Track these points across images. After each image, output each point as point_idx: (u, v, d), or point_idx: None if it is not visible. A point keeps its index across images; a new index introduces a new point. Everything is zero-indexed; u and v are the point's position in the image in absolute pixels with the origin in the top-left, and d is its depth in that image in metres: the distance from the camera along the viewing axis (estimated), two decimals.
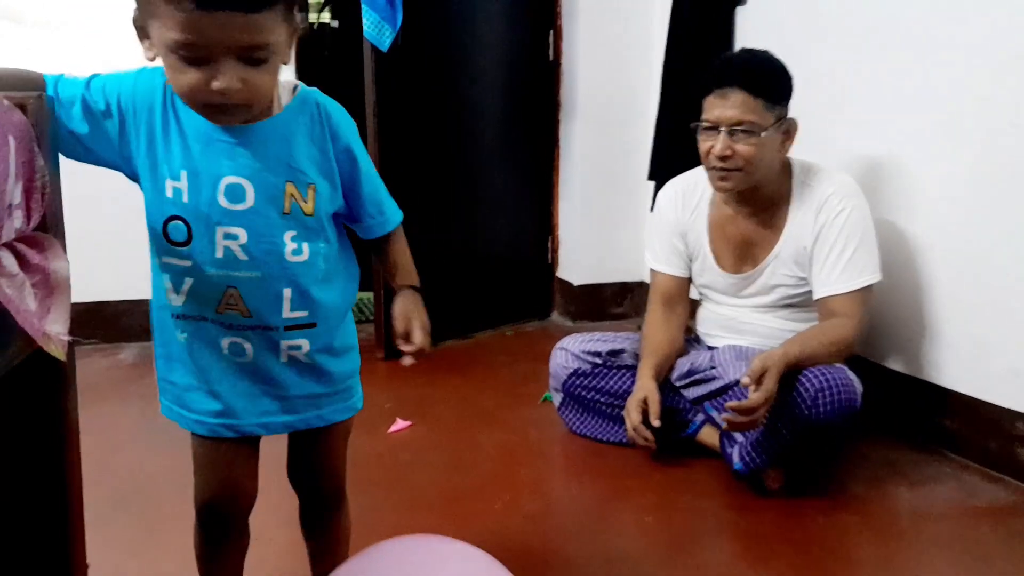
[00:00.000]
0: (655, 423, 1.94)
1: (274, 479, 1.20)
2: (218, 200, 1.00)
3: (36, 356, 0.81)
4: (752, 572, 1.61)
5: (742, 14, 2.82)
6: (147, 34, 0.94)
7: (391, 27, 2.65)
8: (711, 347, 2.18)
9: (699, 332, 2.27)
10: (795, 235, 2.01)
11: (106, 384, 2.67)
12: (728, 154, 1.91)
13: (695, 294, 2.26)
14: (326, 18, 4.33)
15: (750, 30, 2.78)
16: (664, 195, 2.23)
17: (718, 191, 2.04)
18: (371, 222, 1.15)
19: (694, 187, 2.15)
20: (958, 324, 2.09)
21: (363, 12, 2.64)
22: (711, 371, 2.07)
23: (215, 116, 0.97)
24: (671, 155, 2.77)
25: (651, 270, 2.25)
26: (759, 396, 1.73)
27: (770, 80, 1.93)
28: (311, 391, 1.13)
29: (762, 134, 1.89)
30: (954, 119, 2.05)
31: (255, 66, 0.93)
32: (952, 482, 1.97)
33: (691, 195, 2.15)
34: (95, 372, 2.78)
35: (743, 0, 2.80)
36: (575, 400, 2.22)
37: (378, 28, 2.64)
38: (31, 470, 0.94)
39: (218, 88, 0.91)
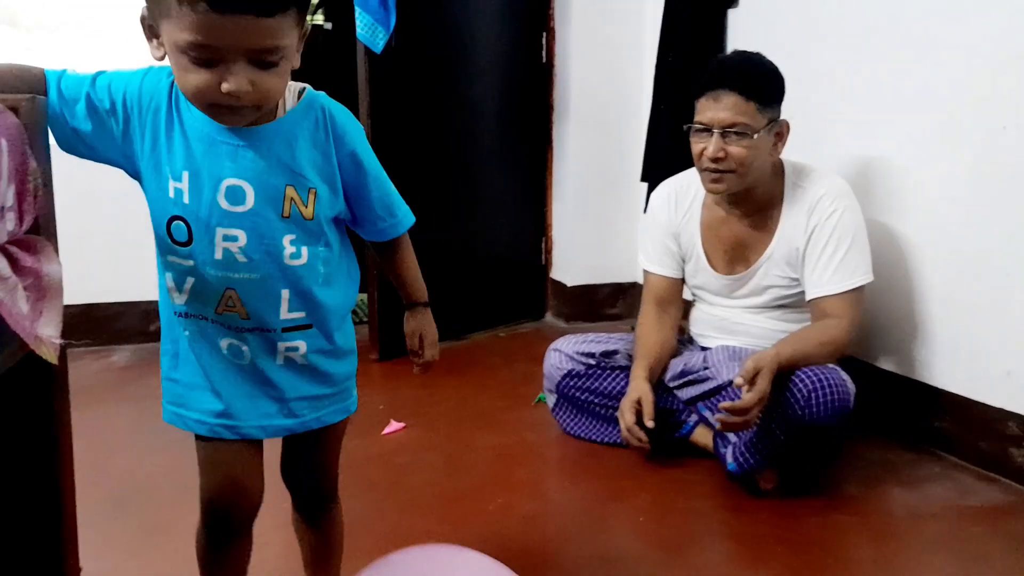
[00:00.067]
0: (649, 424, 1.94)
1: (270, 482, 1.20)
2: (218, 202, 1.00)
3: (28, 359, 0.81)
4: (747, 573, 1.61)
5: (734, 16, 2.83)
6: (156, 33, 0.93)
7: (384, 29, 2.66)
8: (704, 348, 2.19)
9: (692, 333, 2.28)
10: (787, 236, 2.01)
11: (99, 387, 2.66)
12: (721, 156, 1.91)
13: (688, 295, 2.27)
14: (319, 20, 4.33)
15: (742, 32, 2.79)
16: (657, 196, 2.24)
17: (711, 193, 2.04)
18: (382, 225, 1.14)
19: (687, 188, 2.16)
20: (951, 325, 2.10)
21: (356, 14, 2.64)
22: (704, 372, 2.07)
23: (221, 116, 0.97)
24: (664, 157, 2.78)
25: (644, 271, 2.26)
26: (752, 396, 1.73)
27: (762, 82, 1.93)
28: (308, 393, 1.13)
29: (755, 136, 1.90)
30: (948, 120, 2.06)
31: (266, 69, 0.92)
32: (945, 482, 1.98)
33: (684, 196, 2.16)
34: (88, 375, 2.77)
35: (735, 2, 2.81)
36: (569, 401, 2.22)
37: (371, 30, 2.65)
38: (24, 473, 0.94)
39: (228, 90, 0.90)
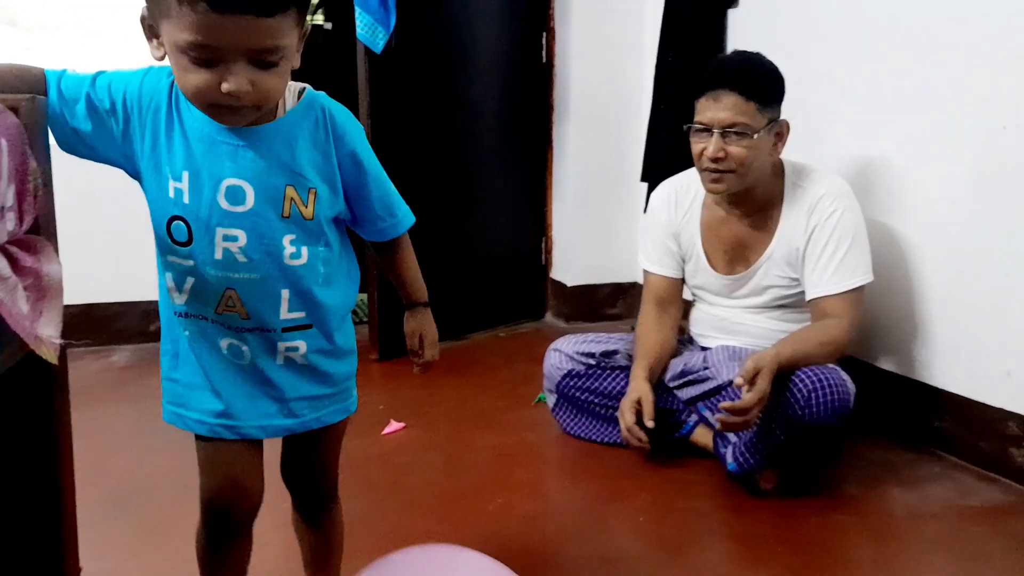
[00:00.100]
0: (649, 424, 1.94)
1: (270, 482, 1.20)
2: (218, 202, 1.00)
3: (28, 359, 0.81)
4: (746, 573, 1.61)
5: (734, 16, 2.83)
6: (156, 33, 0.93)
7: (384, 29, 2.66)
8: (704, 348, 2.19)
9: (692, 333, 2.27)
10: (787, 236, 2.01)
11: (99, 387, 2.66)
12: (721, 156, 1.91)
13: (688, 295, 2.27)
14: (319, 20, 4.33)
15: (742, 32, 2.79)
16: (657, 196, 2.24)
17: (711, 193, 2.04)
18: (382, 225, 1.14)
19: (687, 188, 2.16)
20: (951, 325, 2.10)
21: (356, 14, 2.64)
22: (704, 372, 2.07)
23: (221, 116, 0.97)
24: (664, 157, 2.78)
25: (644, 271, 2.26)
26: (752, 396, 1.73)
27: (762, 82, 1.93)
28: (308, 393, 1.13)
29: (755, 136, 1.90)
30: (948, 120, 2.06)
31: (265, 69, 0.92)
32: (945, 482, 1.98)
33: (684, 196, 2.16)
34: (88, 375, 2.77)
35: (735, 2, 2.81)
36: (569, 401, 2.22)
37: (371, 30, 2.65)
38: (24, 474, 0.94)
39: (228, 91, 0.90)
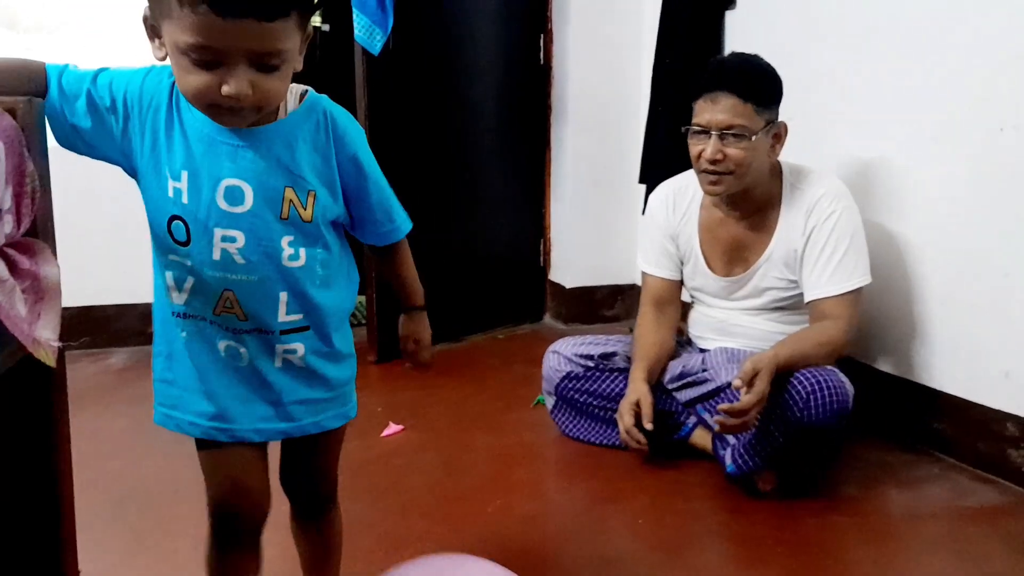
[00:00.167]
0: (648, 426, 1.94)
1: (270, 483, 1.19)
2: (217, 202, 1.00)
3: (26, 362, 0.81)
4: (745, 574, 1.61)
5: (732, 17, 2.83)
6: (158, 33, 0.93)
7: (382, 31, 2.66)
8: (703, 349, 2.19)
9: (691, 335, 2.28)
10: (785, 238, 2.01)
11: (97, 389, 2.66)
12: (719, 158, 1.91)
13: (686, 297, 2.27)
14: (316, 22, 4.33)
15: (740, 33, 2.79)
16: (655, 198, 2.24)
17: (709, 194, 2.04)
18: (382, 230, 1.14)
19: (685, 190, 2.16)
20: (950, 326, 2.10)
21: (354, 16, 2.64)
22: (703, 373, 2.07)
23: (222, 118, 0.96)
24: (662, 158, 2.78)
25: (642, 273, 2.26)
26: (751, 398, 1.73)
27: (760, 84, 1.94)
28: (306, 396, 1.12)
29: (753, 138, 1.90)
30: (947, 121, 2.06)
31: (267, 72, 0.92)
32: (943, 483, 1.98)
33: (682, 198, 2.16)
34: (85, 377, 2.76)
35: (732, 3, 2.82)
36: (568, 403, 2.22)
37: (369, 32, 2.65)
38: (22, 477, 0.93)
39: (228, 93, 0.90)
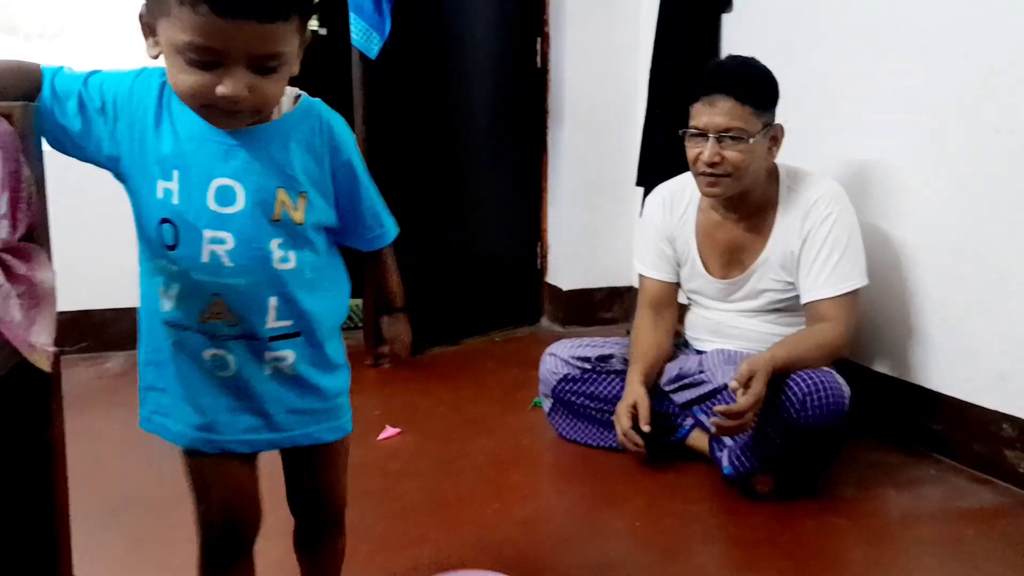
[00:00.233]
0: (645, 428, 1.94)
1: (264, 490, 1.19)
2: (207, 203, 0.98)
3: (21, 366, 0.81)
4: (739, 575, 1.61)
5: (728, 21, 2.84)
6: (153, 31, 0.92)
7: (379, 35, 2.66)
8: (700, 351, 2.19)
9: (688, 336, 2.28)
10: (782, 240, 2.02)
11: (93, 394, 2.65)
12: (717, 160, 1.92)
13: (683, 299, 2.27)
14: (314, 25, 4.34)
15: (736, 36, 2.80)
16: (652, 200, 2.24)
17: (706, 197, 2.05)
18: (370, 235, 1.14)
19: (681, 192, 2.16)
20: (946, 327, 2.11)
21: (351, 20, 2.64)
22: (700, 375, 2.08)
23: (216, 119, 0.95)
24: (659, 161, 2.78)
25: (639, 275, 2.26)
26: (747, 400, 1.74)
27: (758, 87, 1.94)
28: (296, 406, 1.09)
29: (750, 140, 1.90)
30: (942, 124, 2.07)
31: (264, 75, 0.91)
32: (940, 484, 1.98)
33: (679, 200, 2.16)
34: (81, 382, 2.76)
35: (729, 7, 2.82)
36: (565, 406, 2.22)
37: (366, 36, 2.65)
38: (17, 482, 0.93)
39: (223, 94, 0.89)
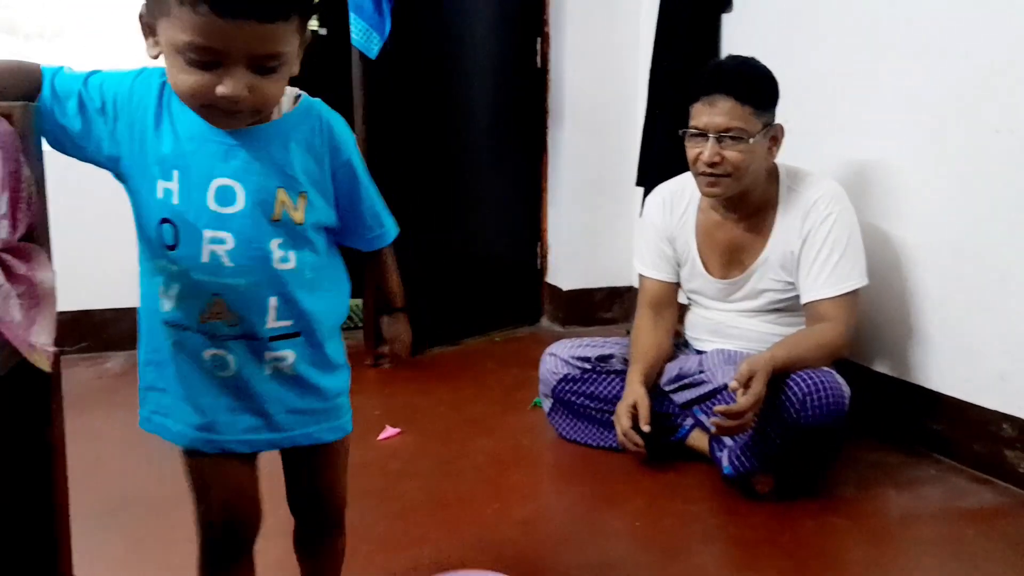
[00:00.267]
0: (645, 428, 1.94)
1: (263, 490, 1.19)
2: (207, 203, 0.98)
3: (21, 366, 0.81)
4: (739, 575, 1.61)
5: (728, 21, 2.84)
6: (153, 31, 0.92)
7: (379, 35, 2.66)
8: (700, 351, 2.19)
9: (688, 336, 2.28)
10: (782, 240, 2.02)
11: (93, 393, 2.65)
12: (717, 160, 1.92)
13: (683, 299, 2.27)
14: (314, 25, 4.34)
15: (736, 36, 2.80)
16: (652, 200, 2.24)
17: (707, 197, 2.04)
18: (371, 235, 1.14)
19: (681, 192, 2.16)
20: (946, 327, 2.11)
21: (351, 20, 2.64)
22: (700, 375, 2.08)
23: (216, 119, 0.95)
24: (659, 161, 2.78)
25: (639, 275, 2.26)
26: (747, 400, 1.74)
27: (758, 86, 1.94)
28: (296, 406, 1.09)
29: (750, 140, 1.90)
30: (942, 124, 2.07)
31: (264, 75, 0.91)
32: (940, 484, 1.98)
33: (679, 200, 2.16)
34: (82, 381, 2.76)
35: (729, 7, 2.82)
36: (565, 406, 2.22)
37: (366, 36, 2.65)
38: (17, 482, 0.93)
39: (223, 94, 0.89)
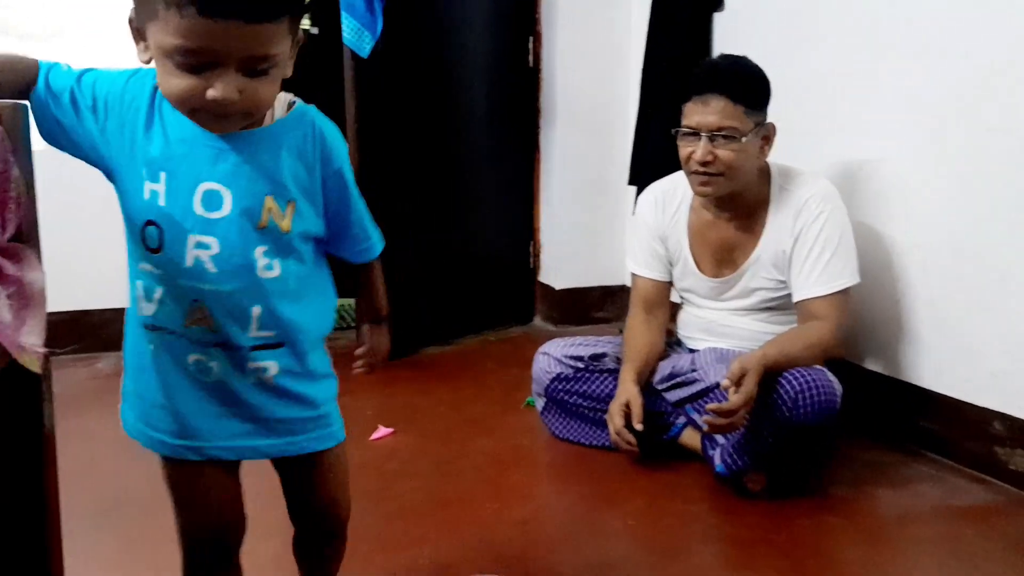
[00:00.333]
0: (638, 427, 1.94)
1: (253, 490, 1.18)
2: (193, 206, 0.97)
3: (11, 368, 0.80)
4: (737, 575, 1.61)
5: (720, 20, 2.84)
6: (143, 36, 0.91)
7: (371, 34, 2.65)
8: (692, 350, 2.19)
9: (680, 335, 2.28)
10: (774, 239, 2.02)
11: (86, 394, 2.64)
12: (709, 159, 1.92)
13: (676, 297, 2.27)
14: (306, 24, 4.33)
15: (728, 35, 2.80)
16: (644, 200, 2.24)
17: (699, 196, 2.05)
18: (358, 247, 1.12)
19: (674, 192, 2.16)
20: (939, 326, 2.11)
21: (342, 19, 2.63)
22: (692, 374, 2.08)
23: (206, 123, 0.94)
24: (651, 160, 2.78)
25: (632, 274, 2.26)
26: (739, 398, 1.74)
27: (750, 86, 1.94)
28: (282, 415, 1.07)
29: (743, 139, 1.91)
30: (937, 123, 2.07)
31: (255, 77, 0.90)
32: (934, 483, 1.99)
33: (671, 199, 2.16)
34: (75, 382, 2.74)
35: (721, 6, 2.82)
36: (558, 405, 2.22)
37: (357, 35, 2.64)
38: (8, 483, 0.93)
39: (213, 97, 0.88)
